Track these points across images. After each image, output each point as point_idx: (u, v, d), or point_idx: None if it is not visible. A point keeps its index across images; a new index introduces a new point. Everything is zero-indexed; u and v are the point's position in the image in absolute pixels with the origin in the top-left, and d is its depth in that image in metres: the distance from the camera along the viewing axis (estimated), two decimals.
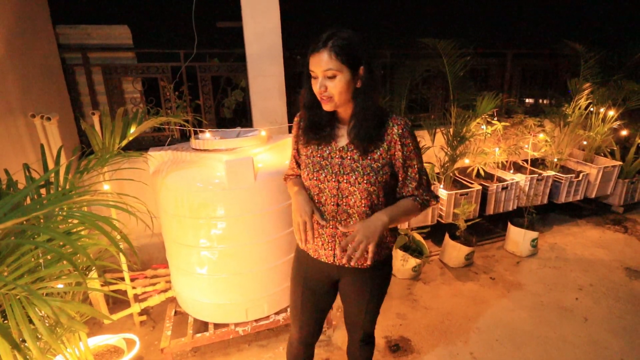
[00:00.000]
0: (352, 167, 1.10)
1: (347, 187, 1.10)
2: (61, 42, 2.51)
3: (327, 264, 1.20)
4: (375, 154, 1.09)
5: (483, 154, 3.01)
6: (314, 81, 1.04)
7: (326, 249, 1.18)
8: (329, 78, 1.01)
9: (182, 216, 1.75)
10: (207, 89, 2.73)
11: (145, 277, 2.17)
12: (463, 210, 2.69)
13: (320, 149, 1.15)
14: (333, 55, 0.98)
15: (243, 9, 2.40)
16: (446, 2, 7.98)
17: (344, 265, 1.17)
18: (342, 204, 1.12)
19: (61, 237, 0.91)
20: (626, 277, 2.60)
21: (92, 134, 1.68)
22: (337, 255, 1.17)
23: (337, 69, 0.99)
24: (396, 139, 1.08)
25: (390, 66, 3.22)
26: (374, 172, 1.08)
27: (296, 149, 1.27)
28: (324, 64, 0.99)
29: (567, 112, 3.32)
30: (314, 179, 1.14)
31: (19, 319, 0.87)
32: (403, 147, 1.09)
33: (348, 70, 1.01)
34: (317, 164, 1.14)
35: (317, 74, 1.02)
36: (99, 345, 1.89)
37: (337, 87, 1.01)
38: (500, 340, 2.03)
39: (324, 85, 1.01)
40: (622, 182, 3.49)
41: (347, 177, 1.10)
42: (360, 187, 1.09)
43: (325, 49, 0.99)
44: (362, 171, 1.08)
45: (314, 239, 1.13)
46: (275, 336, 2.08)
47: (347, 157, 1.11)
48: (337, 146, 1.13)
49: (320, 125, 1.13)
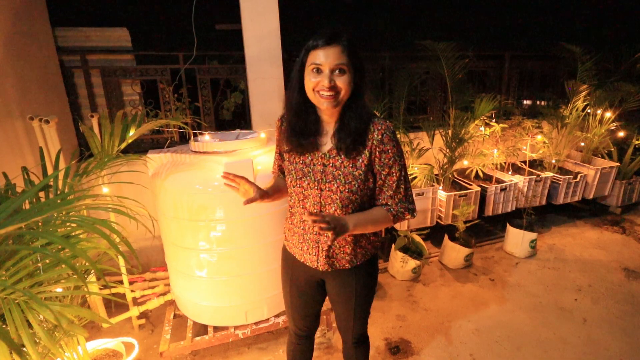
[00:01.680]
0: (334, 174, 1.07)
1: (329, 195, 1.08)
2: (60, 44, 2.51)
3: (312, 268, 1.20)
4: (357, 161, 1.06)
5: (481, 156, 3.02)
6: (314, 76, 0.99)
7: (310, 254, 1.18)
8: (338, 73, 0.97)
9: (181, 219, 1.74)
10: (206, 91, 2.73)
11: (144, 280, 2.17)
12: (462, 212, 2.70)
13: (302, 156, 1.12)
14: (346, 52, 0.96)
15: (242, 12, 2.41)
16: (444, 5, 8.02)
17: (326, 270, 1.18)
18: (324, 211, 1.10)
19: (60, 241, 0.91)
20: (624, 278, 2.60)
21: (91, 136, 1.68)
22: (320, 261, 1.17)
23: (348, 64, 0.97)
24: (376, 145, 1.04)
25: (389, 68, 3.23)
26: (356, 180, 1.06)
27: (279, 152, 1.24)
28: (336, 58, 0.96)
29: (565, 114, 3.34)
30: (297, 186, 1.12)
31: (18, 323, 0.87)
32: (382, 153, 1.05)
33: (353, 70, 0.99)
34: (300, 171, 1.12)
35: (323, 67, 0.97)
36: (97, 349, 1.88)
37: (346, 82, 0.98)
38: (500, 342, 2.03)
39: (332, 80, 0.97)
40: (620, 183, 3.51)
41: (329, 184, 1.07)
42: (342, 195, 1.07)
43: (339, 43, 0.96)
44: (344, 179, 1.06)
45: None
46: (275, 339, 2.07)
47: (329, 164, 1.08)
48: (319, 153, 1.09)
49: (306, 133, 1.08)
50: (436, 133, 2.95)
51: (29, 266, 0.98)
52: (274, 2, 2.43)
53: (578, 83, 3.25)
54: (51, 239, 0.91)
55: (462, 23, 8.07)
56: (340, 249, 1.16)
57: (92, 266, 0.96)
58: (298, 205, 1.16)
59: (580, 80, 3.27)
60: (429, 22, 7.95)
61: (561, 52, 3.41)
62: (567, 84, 3.36)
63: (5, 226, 0.83)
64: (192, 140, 1.91)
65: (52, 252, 0.93)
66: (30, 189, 1.08)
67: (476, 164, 3.08)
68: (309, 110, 1.08)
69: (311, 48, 0.98)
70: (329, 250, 1.15)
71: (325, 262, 1.16)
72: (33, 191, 1.07)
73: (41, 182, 1.10)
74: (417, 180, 2.82)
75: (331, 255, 1.16)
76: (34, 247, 0.97)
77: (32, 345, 0.87)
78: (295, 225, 1.20)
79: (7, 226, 0.81)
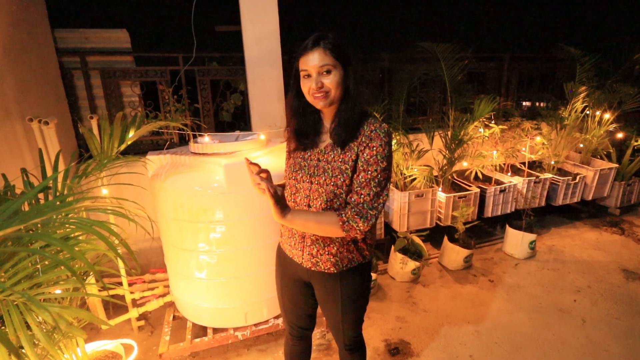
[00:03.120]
0: (324, 168, 1.09)
1: (317, 189, 1.10)
2: (59, 45, 2.51)
3: (298, 265, 1.21)
4: (347, 156, 1.06)
5: (481, 157, 3.03)
6: (306, 80, 1.04)
7: (297, 249, 1.19)
8: (324, 74, 1.02)
9: (180, 220, 1.74)
10: (205, 93, 2.73)
11: (143, 281, 2.16)
12: (461, 213, 2.70)
13: (304, 152, 1.16)
14: (328, 52, 1.00)
15: (242, 13, 2.41)
16: (444, 7, 8.04)
17: (308, 268, 1.18)
18: (312, 205, 1.11)
19: (58, 243, 0.90)
20: (623, 279, 2.61)
21: (91, 138, 1.68)
22: (304, 257, 1.18)
23: (332, 64, 1.01)
24: (364, 140, 1.04)
25: (388, 70, 3.24)
26: (342, 174, 1.06)
27: (288, 152, 1.28)
28: (318, 61, 1.00)
29: (564, 115, 3.35)
30: (292, 178, 1.16)
31: (16, 325, 0.86)
32: (366, 149, 1.03)
33: (341, 67, 1.03)
34: (297, 164, 1.16)
35: (310, 72, 1.02)
36: (96, 351, 1.88)
37: (334, 82, 1.02)
38: (499, 343, 2.03)
39: (319, 82, 1.02)
40: (619, 185, 3.51)
41: (319, 178, 1.09)
42: (327, 189, 1.07)
43: (318, 47, 1.01)
44: (331, 172, 1.07)
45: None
46: (275, 340, 2.07)
47: (322, 159, 1.11)
48: (317, 149, 1.13)
49: (305, 132, 1.14)
50: (435, 134, 2.96)
51: (28, 268, 0.98)
52: (274, 4, 2.44)
53: (577, 84, 3.26)
54: (49, 240, 0.91)
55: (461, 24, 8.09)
56: (325, 249, 1.14)
57: (90, 268, 0.96)
58: (290, 199, 1.18)
59: (579, 82, 3.28)
60: (429, 24, 7.96)
61: (560, 54, 3.43)
62: (566, 86, 3.37)
63: (4, 228, 0.83)
64: (192, 141, 1.91)
65: (50, 254, 0.93)
66: (30, 191, 1.08)
67: (475, 166, 3.09)
68: (307, 111, 1.13)
69: (299, 56, 1.04)
70: (312, 247, 1.15)
71: (309, 259, 1.17)
72: (33, 193, 1.07)
73: (41, 184, 1.10)
74: (417, 181, 2.82)
75: (315, 255, 1.15)
76: (33, 249, 0.97)
77: (30, 347, 0.87)
78: None
79: (6, 228, 0.81)
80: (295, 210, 1.04)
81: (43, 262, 1.02)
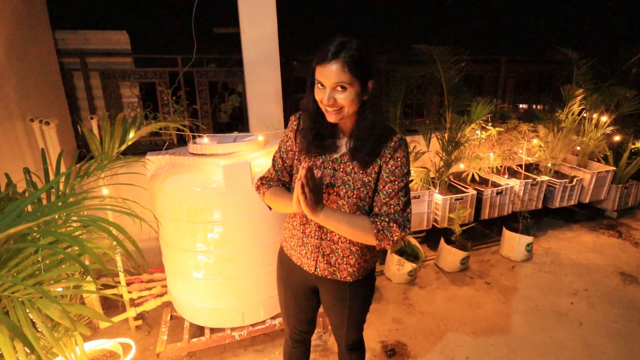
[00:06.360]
0: (343, 179, 1.05)
1: (335, 200, 1.07)
2: (60, 47, 2.53)
3: (308, 272, 1.19)
4: (369, 168, 1.04)
5: (478, 159, 3.04)
6: (319, 90, 0.99)
7: (309, 259, 1.17)
8: (339, 89, 0.96)
9: (179, 220, 1.75)
10: (204, 94, 2.75)
11: (141, 281, 2.17)
12: (458, 215, 2.71)
13: (313, 157, 1.10)
14: (346, 69, 0.93)
15: (240, 15, 2.43)
16: (441, 9, 8.08)
17: (324, 276, 1.17)
18: None
19: (69, 239, 0.92)
20: (620, 282, 2.62)
21: (92, 138, 1.69)
22: (318, 267, 1.16)
23: (349, 82, 0.94)
24: (388, 153, 1.03)
25: (385, 72, 3.26)
26: (365, 187, 1.04)
27: (285, 150, 1.19)
28: (334, 77, 0.93)
29: (561, 118, 3.37)
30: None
31: (22, 322, 0.88)
32: (390, 159, 1.03)
33: (358, 83, 0.96)
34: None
35: (325, 84, 0.96)
36: (95, 350, 1.88)
37: (348, 99, 0.96)
38: (496, 345, 2.04)
39: (332, 97, 0.96)
40: (616, 187, 3.53)
41: (338, 189, 1.06)
42: (350, 202, 1.05)
43: (337, 60, 0.93)
44: (353, 185, 1.05)
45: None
46: (272, 341, 2.07)
47: (339, 169, 1.07)
48: (331, 156, 1.08)
49: (323, 136, 1.07)
50: (432, 136, 2.97)
51: (30, 266, 0.99)
52: (272, 6, 2.46)
53: (574, 87, 3.28)
54: (60, 237, 0.92)
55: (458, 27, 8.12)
56: (344, 259, 1.13)
57: (100, 265, 0.98)
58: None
59: (576, 84, 3.30)
60: (426, 26, 8.00)
61: (557, 56, 3.45)
62: (563, 88, 3.39)
63: (14, 226, 0.84)
64: (191, 142, 1.92)
65: (61, 249, 0.95)
66: (37, 190, 1.09)
67: (472, 168, 3.10)
68: (323, 116, 1.05)
69: (317, 61, 0.97)
70: (331, 256, 1.13)
71: (326, 267, 1.14)
72: (40, 192, 1.08)
73: (48, 184, 1.12)
74: (414, 183, 2.83)
75: (333, 264, 1.14)
76: (42, 244, 0.98)
77: (36, 341, 0.88)
78: (295, 228, 1.18)
79: (16, 226, 0.83)
80: (329, 208, 1.00)
81: (45, 261, 1.03)
